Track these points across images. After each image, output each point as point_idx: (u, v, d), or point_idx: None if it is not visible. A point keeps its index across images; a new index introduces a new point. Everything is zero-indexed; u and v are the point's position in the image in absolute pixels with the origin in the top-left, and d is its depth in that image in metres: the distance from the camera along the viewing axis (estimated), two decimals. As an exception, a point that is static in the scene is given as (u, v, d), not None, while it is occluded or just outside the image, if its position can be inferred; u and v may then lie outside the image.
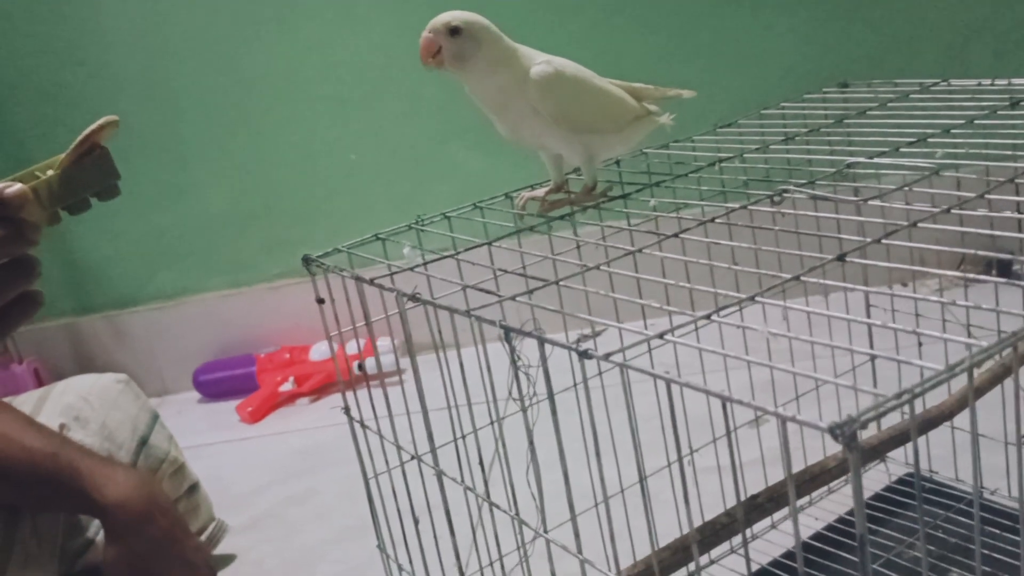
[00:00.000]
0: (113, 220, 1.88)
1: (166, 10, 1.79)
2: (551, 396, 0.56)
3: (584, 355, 0.49)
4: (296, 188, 1.88)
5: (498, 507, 0.69)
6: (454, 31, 0.78)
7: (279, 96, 1.83)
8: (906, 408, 0.41)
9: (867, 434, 0.92)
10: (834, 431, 0.34)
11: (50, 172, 0.57)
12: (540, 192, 0.88)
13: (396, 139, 1.83)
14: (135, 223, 1.90)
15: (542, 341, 0.53)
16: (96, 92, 1.84)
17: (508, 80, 0.79)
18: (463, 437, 0.82)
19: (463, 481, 0.75)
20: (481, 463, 0.74)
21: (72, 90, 1.84)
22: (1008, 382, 0.98)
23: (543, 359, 0.54)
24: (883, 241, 0.57)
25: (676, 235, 0.67)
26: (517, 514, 0.68)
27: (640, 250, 0.66)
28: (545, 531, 0.64)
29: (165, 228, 1.92)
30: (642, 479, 0.54)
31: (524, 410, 0.63)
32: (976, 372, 0.83)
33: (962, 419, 0.94)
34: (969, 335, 0.90)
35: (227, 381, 1.90)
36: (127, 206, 1.91)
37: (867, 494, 1.09)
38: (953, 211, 0.60)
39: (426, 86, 1.76)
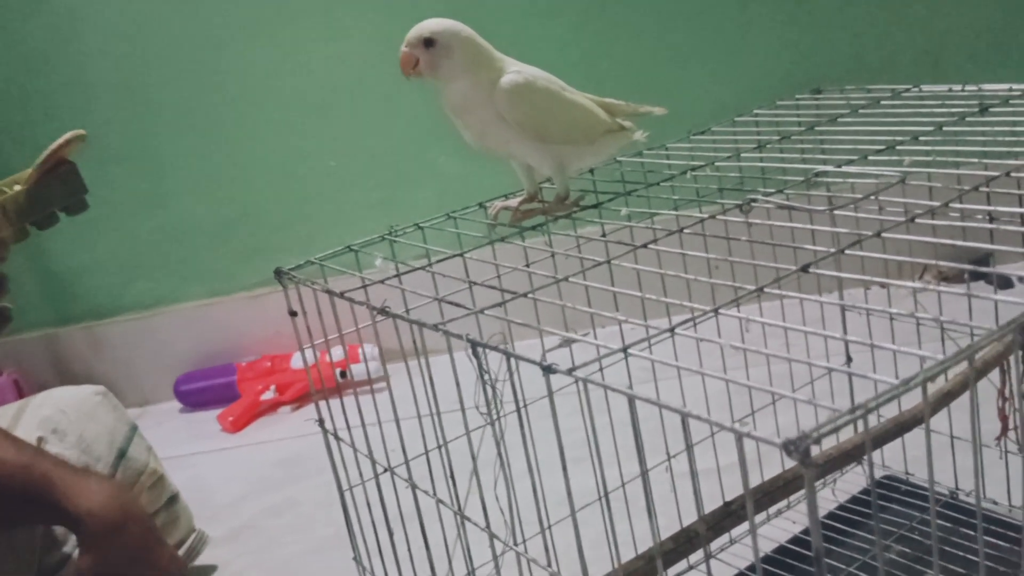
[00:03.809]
0: (89, 230, 1.85)
1: (141, 18, 1.77)
2: (519, 410, 0.57)
3: (548, 370, 0.49)
4: (274, 196, 1.87)
5: (469, 520, 0.69)
6: (428, 42, 0.79)
7: (256, 104, 1.82)
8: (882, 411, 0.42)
9: (843, 437, 0.93)
10: (788, 447, 0.34)
11: (17, 187, 0.57)
12: (513, 202, 0.88)
13: (375, 146, 1.83)
14: (111, 233, 1.88)
15: (508, 356, 0.54)
16: (70, 100, 1.82)
17: (473, 86, 0.80)
18: (439, 447, 0.82)
19: (435, 494, 0.75)
20: (453, 476, 0.74)
21: (46, 98, 1.83)
22: (985, 381, 0.99)
23: (511, 373, 0.54)
24: (846, 252, 0.57)
25: (645, 245, 0.68)
26: (488, 526, 0.68)
27: (610, 261, 0.66)
28: (515, 544, 0.65)
29: (142, 237, 1.90)
30: (605, 495, 0.55)
31: (492, 423, 0.63)
32: (942, 380, 0.84)
33: (938, 421, 0.94)
34: (944, 339, 0.91)
35: (208, 391, 1.89)
36: (103, 216, 1.90)
37: (844, 496, 1.10)
38: (918, 220, 0.60)
39: (405, 93, 1.76)
